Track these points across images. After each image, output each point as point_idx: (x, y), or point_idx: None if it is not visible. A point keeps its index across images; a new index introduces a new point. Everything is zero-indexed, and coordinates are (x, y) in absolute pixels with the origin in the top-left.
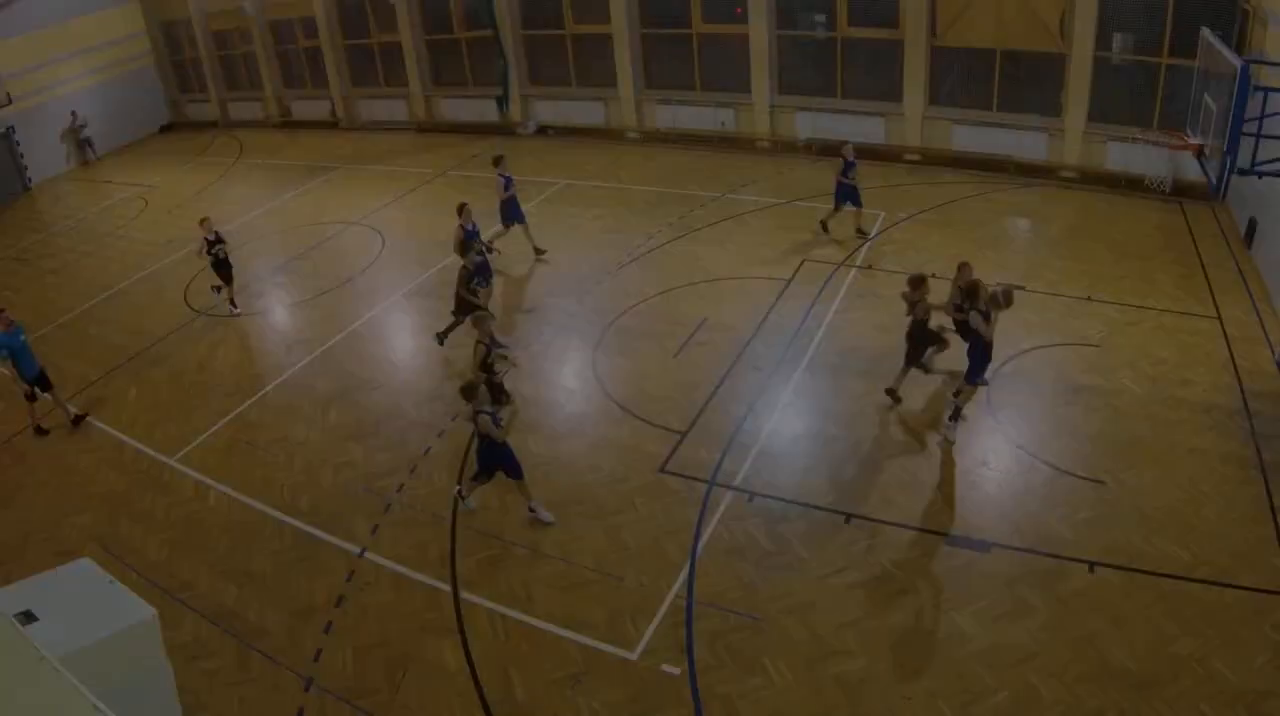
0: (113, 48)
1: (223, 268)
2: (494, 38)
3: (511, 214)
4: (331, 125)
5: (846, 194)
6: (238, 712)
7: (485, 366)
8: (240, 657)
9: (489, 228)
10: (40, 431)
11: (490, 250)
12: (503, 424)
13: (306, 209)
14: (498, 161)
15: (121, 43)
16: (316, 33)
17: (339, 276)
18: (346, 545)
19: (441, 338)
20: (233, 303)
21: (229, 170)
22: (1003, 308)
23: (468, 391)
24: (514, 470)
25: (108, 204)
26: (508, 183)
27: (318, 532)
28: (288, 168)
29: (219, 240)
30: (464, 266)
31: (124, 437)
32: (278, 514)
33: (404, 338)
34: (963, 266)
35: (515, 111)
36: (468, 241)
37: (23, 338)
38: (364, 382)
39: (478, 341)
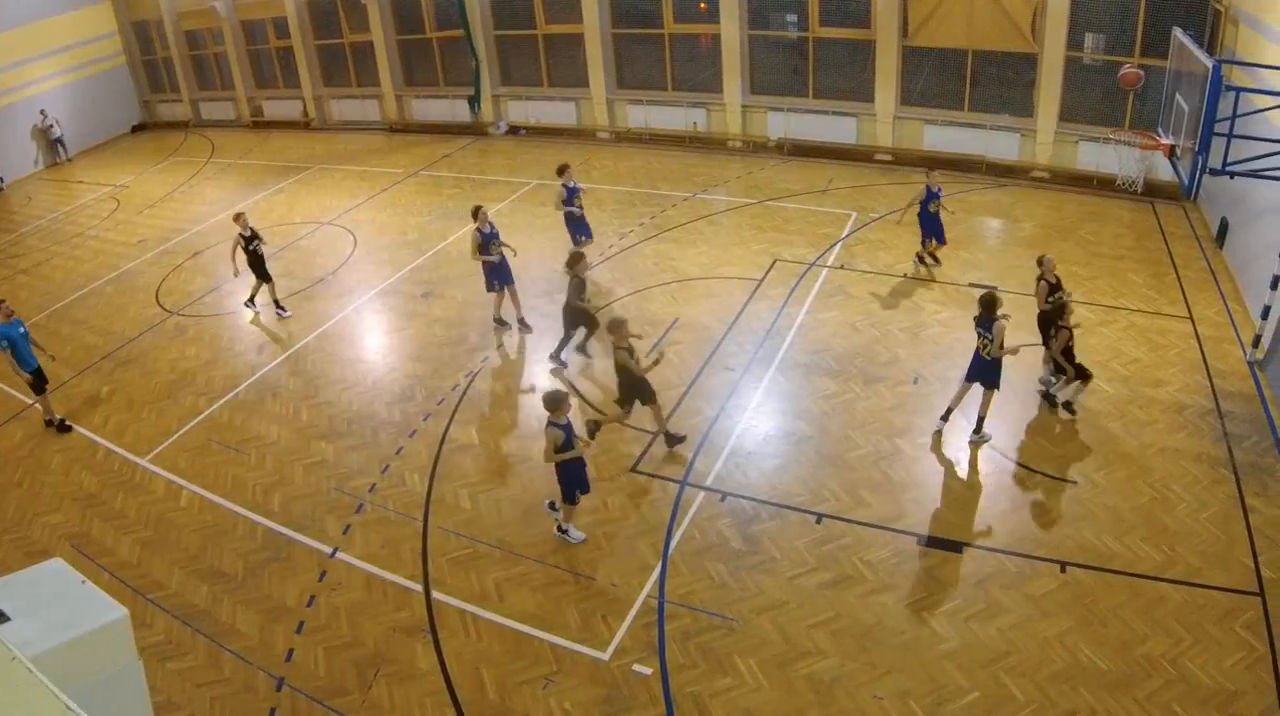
0: (84, 47)
1: (259, 265)
2: (466, 37)
3: (576, 229)
4: (303, 125)
5: (928, 226)
6: (209, 713)
7: (628, 369)
8: (212, 657)
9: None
10: (56, 425)
11: (504, 252)
12: (577, 439)
13: (278, 209)
14: (561, 170)
15: (93, 43)
16: (288, 32)
17: (311, 276)
18: (318, 545)
19: (559, 356)
20: (278, 304)
21: (200, 170)
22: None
23: (552, 401)
24: (568, 492)
25: (79, 204)
26: (570, 194)
27: (289, 532)
28: (259, 168)
29: (255, 236)
30: (575, 276)
31: (96, 438)
32: (249, 514)
33: (376, 337)
34: (1043, 260)
35: (487, 111)
36: (486, 244)
37: (23, 328)
38: (336, 382)
39: (617, 346)
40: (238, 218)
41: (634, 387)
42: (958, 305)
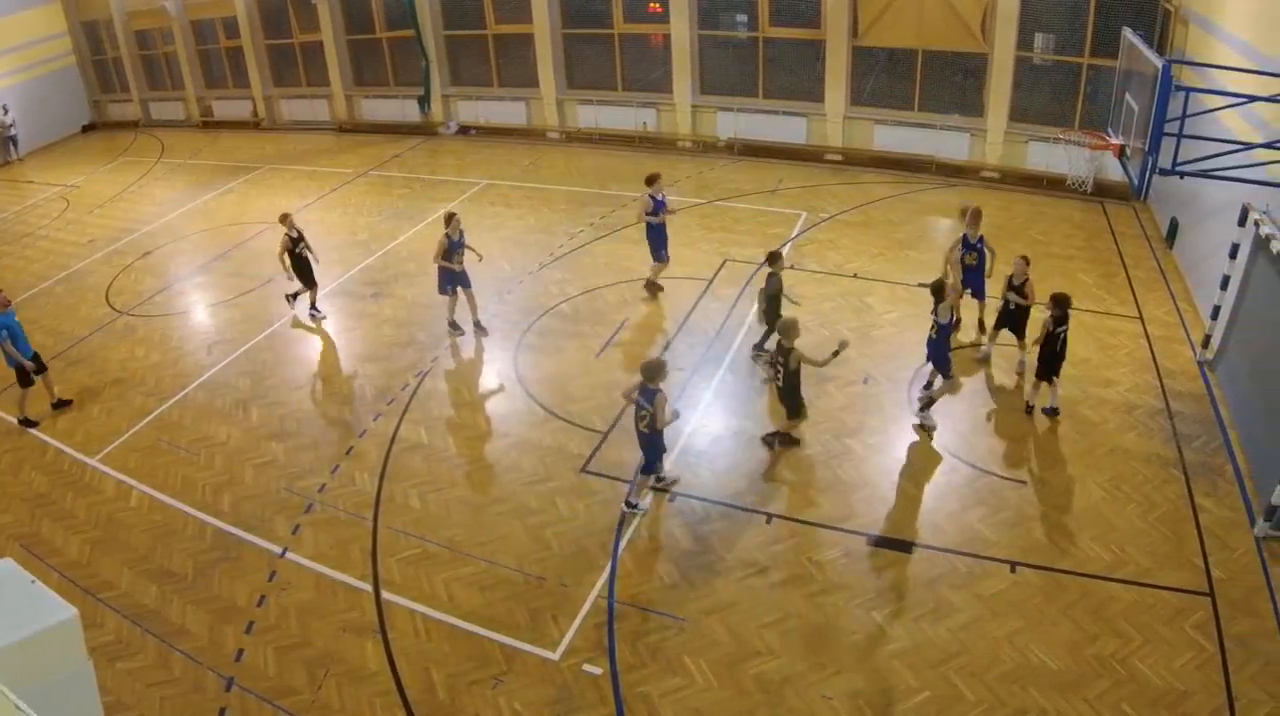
0: (34, 47)
1: (304, 268)
2: (415, 37)
3: (657, 244)
4: (253, 125)
5: (965, 277)
6: (159, 713)
7: (791, 371)
8: (161, 657)
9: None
10: (22, 421)
11: (470, 256)
12: (667, 415)
13: (228, 209)
14: (651, 180)
15: (43, 42)
16: (238, 32)
17: (260, 276)
18: (268, 545)
19: (759, 349)
20: (315, 307)
21: (150, 170)
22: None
23: (654, 368)
24: (650, 463)
25: (29, 203)
26: (658, 206)
27: (239, 532)
28: (209, 168)
29: (301, 238)
30: (773, 273)
31: (45, 438)
32: (199, 514)
33: (326, 337)
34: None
35: (437, 111)
36: (450, 252)
37: (15, 317)
38: (285, 382)
39: (790, 348)
40: (284, 218)
41: (793, 395)
42: (908, 305)
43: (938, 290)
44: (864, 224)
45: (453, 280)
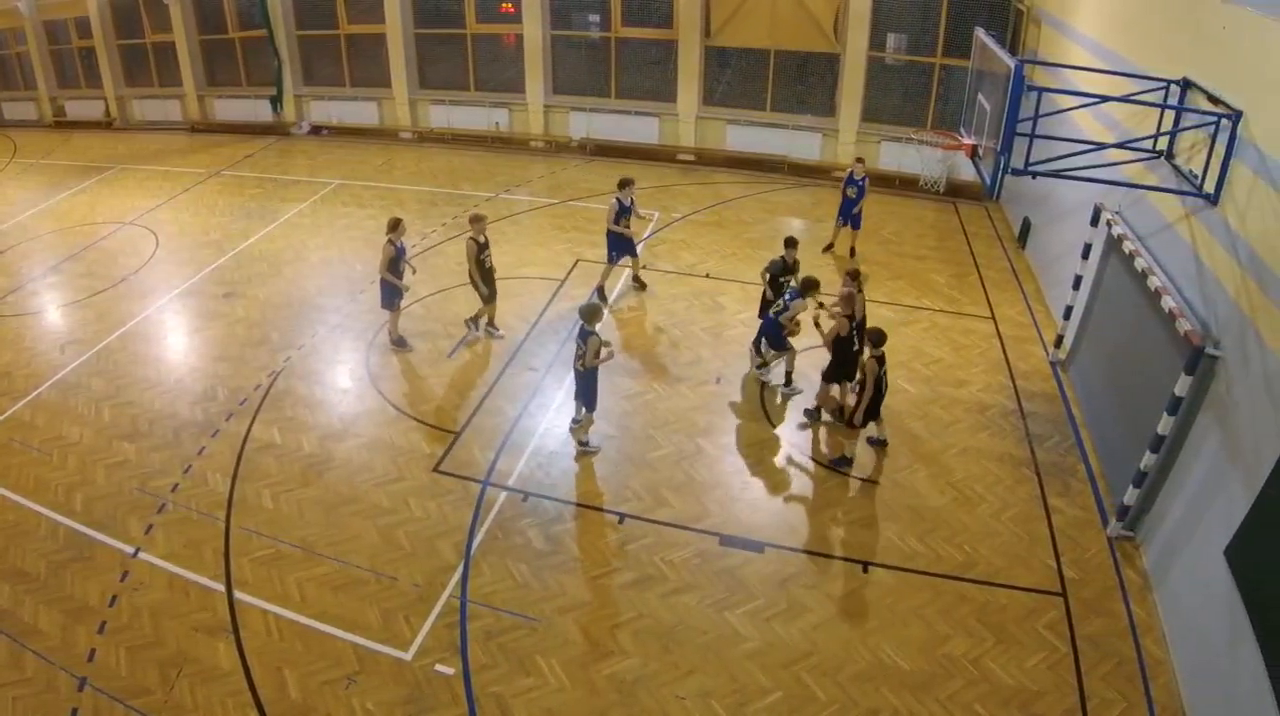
0: None
1: (489, 278)
2: (268, 37)
3: (618, 247)
4: (106, 125)
5: (844, 206)
6: (10, 712)
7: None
8: (13, 657)
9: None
10: None
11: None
12: (602, 354)
13: (80, 209)
14: (622, 184)
15: None
16: (90, 32)
17: (112, 277)
18: (120, 545)
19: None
20: (492, 323)
21: (2, 170)
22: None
23: (590, 311)
24: (592, 402)
25: None
26: (623, 211)
27: (91, 532)
28: (62, 168)
29: (488, 244)
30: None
31: None
32: (51, 513)
33: (178, 337)
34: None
35: (289, 111)
36: (397, 259)
37: None
38: (138, 382)
39: (872, 355)
40: (476, 219)
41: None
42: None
43: (810, 286)
44: (716, 224)
45: (399, 293)
